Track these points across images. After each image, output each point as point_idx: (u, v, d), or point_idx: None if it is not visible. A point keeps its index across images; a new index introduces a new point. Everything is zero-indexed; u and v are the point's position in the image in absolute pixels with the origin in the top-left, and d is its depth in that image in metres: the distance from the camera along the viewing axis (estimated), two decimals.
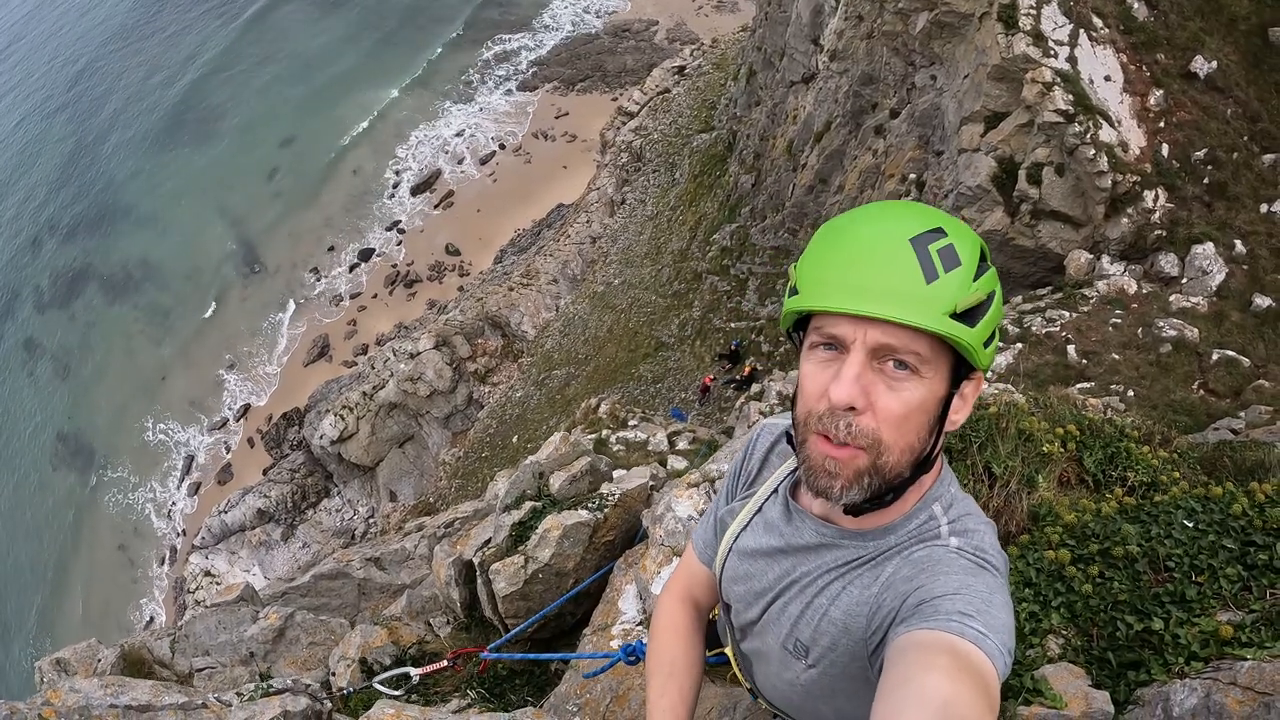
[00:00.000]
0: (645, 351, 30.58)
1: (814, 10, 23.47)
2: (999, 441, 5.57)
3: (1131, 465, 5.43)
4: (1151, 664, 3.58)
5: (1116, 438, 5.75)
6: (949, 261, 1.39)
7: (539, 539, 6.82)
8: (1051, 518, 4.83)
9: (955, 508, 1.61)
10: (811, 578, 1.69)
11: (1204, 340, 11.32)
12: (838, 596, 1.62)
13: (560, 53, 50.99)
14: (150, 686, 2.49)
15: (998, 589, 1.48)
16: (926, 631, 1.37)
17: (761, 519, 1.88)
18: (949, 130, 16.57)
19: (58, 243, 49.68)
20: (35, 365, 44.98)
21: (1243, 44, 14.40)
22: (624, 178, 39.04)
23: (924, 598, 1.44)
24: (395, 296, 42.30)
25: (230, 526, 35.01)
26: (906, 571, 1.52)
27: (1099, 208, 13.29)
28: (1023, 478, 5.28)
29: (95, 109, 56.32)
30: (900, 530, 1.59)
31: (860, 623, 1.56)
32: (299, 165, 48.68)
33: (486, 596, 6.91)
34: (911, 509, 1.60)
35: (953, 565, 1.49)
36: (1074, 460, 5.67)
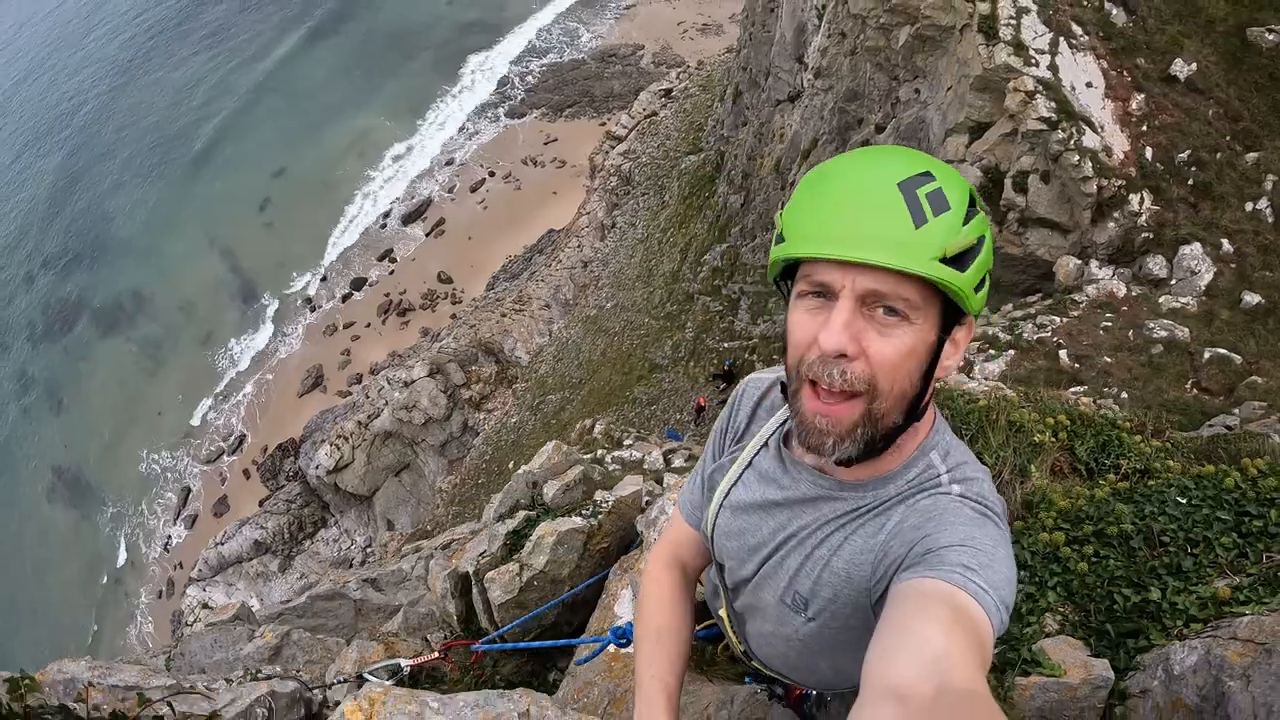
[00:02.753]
0: (639, 374, 30.61)
1: (797, 29, 23.70)
2: (990, 433, 5.59)
3: (1124, 453, 5.45)
4: (1150, 631, 3.58)
5: (1108, 427, 5.76)
6: (938, 205, 1.38)
7: (533, 546, 6.78)
8: (1046, 504, 4.84)
9: (952, 455, 1.62)
10: (810, 530, 1.68)
11: (1195, 339, 11.37)
12: (839, 547, 1.62)
13: (548, 79, 51.29)
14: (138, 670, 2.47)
15: (1001, 541, 1.48)
16: (929, 580, 1.37)
17: (753, 472, 1.87)
18: (934, 142, 16.69)
19: (50, 276, 49.67)
20: (29, 399, 44.87)
21: (1221, 45, 14.57)
22: (614, 201, 39.23)
23: (930, 546, 1.44)
24: (388, 325, 42.28)
25: (227, 558, 34.80)
26: (914, 520, 1.52)
27: (1085, 213, 13.39)
28: (1015, 468, 5.29)
29: (87, 143, 56.47)
30: (899, 479, 1.59)
31: (864, 571, 1.56)
32: (290, 195, 48.76)
33: (483, 606, 6.87)
34: (909, 458, 1.60)
35: (959, 514, 1.49)
36: (1066, 450, 5.68)
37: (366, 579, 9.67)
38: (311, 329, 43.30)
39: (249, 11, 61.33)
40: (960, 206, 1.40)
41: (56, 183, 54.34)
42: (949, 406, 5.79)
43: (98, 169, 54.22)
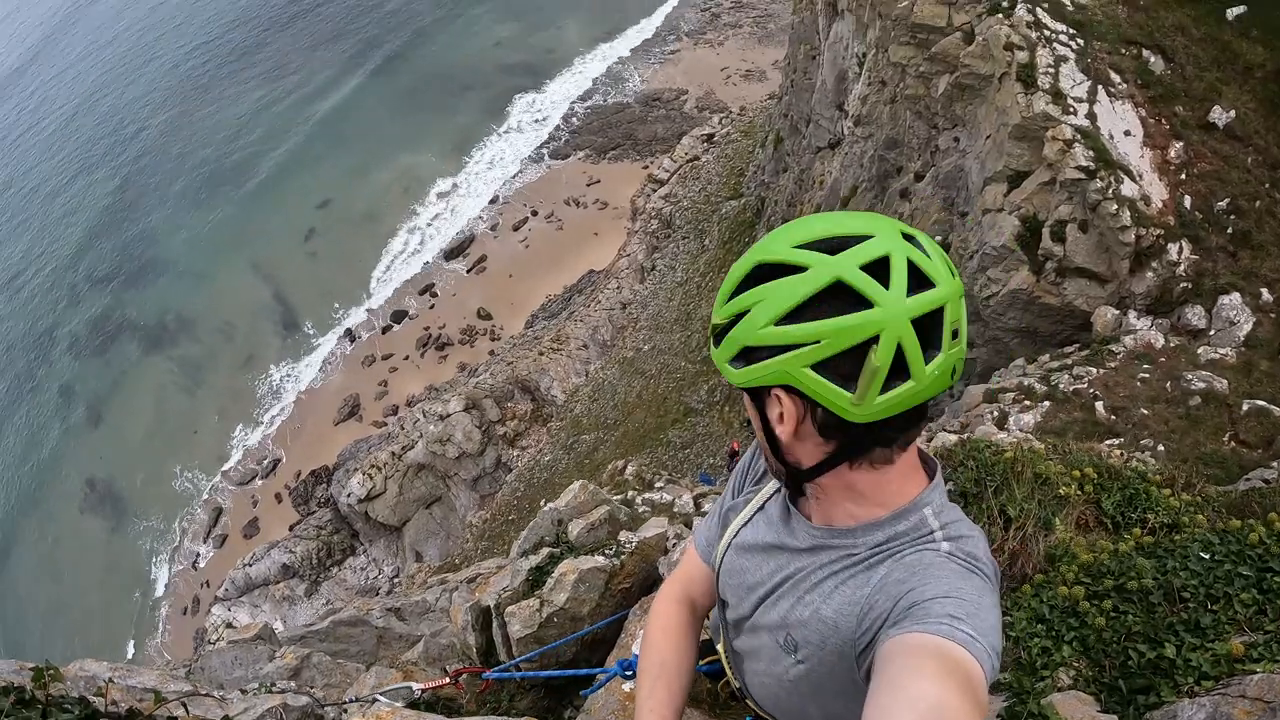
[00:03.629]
0: (674, 417, 30.54)
1: (838, 76, 23.84)
2: (1014, 485, 5.54)
3: (1151, 507, 5.39)
4: (1162, 687, 3.54)
5: (1136, 480, 5.69)
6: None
7: (555, 583, 6.80)
8: (1068, 558, 4.79)
9: (946, 514, 1.65)
10: (805, 573, 1.73)
11: (1233, 391, 11.16)
12: (830, 595, 1.66)
13: (592, 121, 51.83)
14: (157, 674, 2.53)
15: (987, 592, 1.51)
16: (917, 635, 1.40)
17: (764, 515, 1.94)
18: (973, 191, 16.67)
19: (97, 293, 50.75)
20: (68, 410, 45.63)
21: (1259, 91, 14.44)
22: (654, 244, 39.40)
23: (915, 600, 1.47)
24: (427, 359, 42.57)
25: (254, 580, 34.96)
26: (899, 574, 1.55)
27: (1124, 263, 13.26)
28: (1039, 520, 5.24)
29: (140, 167, 57.84)
30: (887, 528, 1.63)
31: (850, 623, 1.59)
32: (335, 227, 49.55)
33: (502, 640, 6.89)
34: (900, 508, 1.63)
35: (944, 569, 1.53)
36: (1092, 503, 5.62)
37: (390, 608, 9.72)
38: (350, 359, 43.74)
39: (302, 49, 62.70)
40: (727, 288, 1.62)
41: (109, 204, 55.63)
42: (975, 458, 5.76)
43: (149, 193, 55.55)
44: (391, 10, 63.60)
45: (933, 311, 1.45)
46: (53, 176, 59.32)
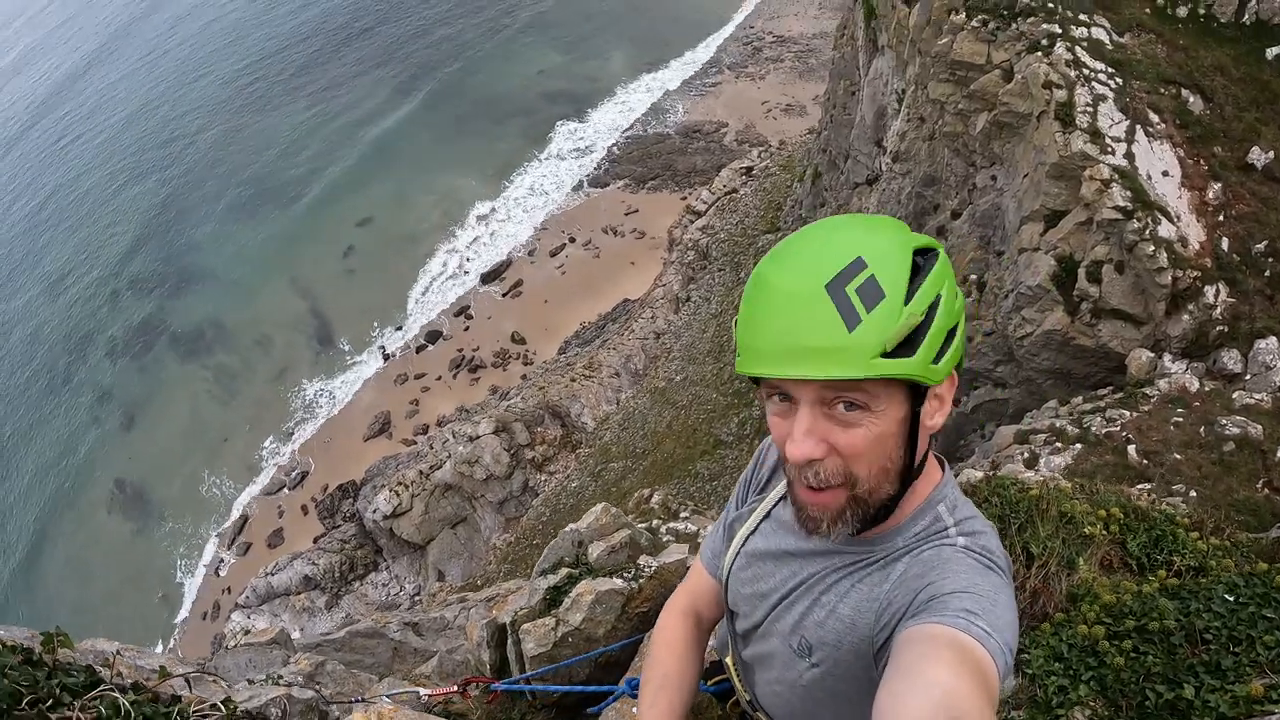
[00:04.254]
0: (703, 449, 30.46)
1: (877, 113, 23.87)
2: (1039, 523, 5.49)
3: (1178, 550, 5.31)
4: None
5: (1163, 522, 5.62)
6: (871, 298, 1.38)
7: (571, 603, 6.79)
8: (1090, 598, 4.73)
9: (960, 509, 1.66)
10: (819, 576, 1.73)
11: (1268, 438, 10.97)
12: (847, 594, 1.66)
13: (632, 151, 52.17)
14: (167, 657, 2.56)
15: (1002, 588, 1.52)
16: (933, 625, 1.41)
17: (771, 522, 1.93)
18: (1009, 230, 16.59)
19: (136, 297, 51.66)
20: (101, 411, 46.33)
21: None
22: (690, 275, 39.50)
23: (933, 594, 1.48)
24: (459, 380, 42.81)
25: (276, 589, 35.15)
26: (916, 570, 1.56)
27: (1159, 305, 13.12)
28: (1062, 559, 5.18)
29: (184, 174, 59.02)
30: (906, 533, 1.63)
31: (868, 619, 1.60)
32: (374, 245, 50.11)
33: (516, 657, 6.88)
34: (915, 510, 1.64)
35: (961, 564, 1.53)
36: (1117, 544, 5.55)
37: (408, 622, 9.75)
38: (383, 376, 44.10)
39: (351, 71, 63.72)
40: (898, 287, 1.41)
41: (154, 213, 56.66)
42: (1000, 495, 5.71)
43: (194, 204, 56.53)
44: (440, 36, 64.54)
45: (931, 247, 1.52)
46: (102, 183, 60.57)
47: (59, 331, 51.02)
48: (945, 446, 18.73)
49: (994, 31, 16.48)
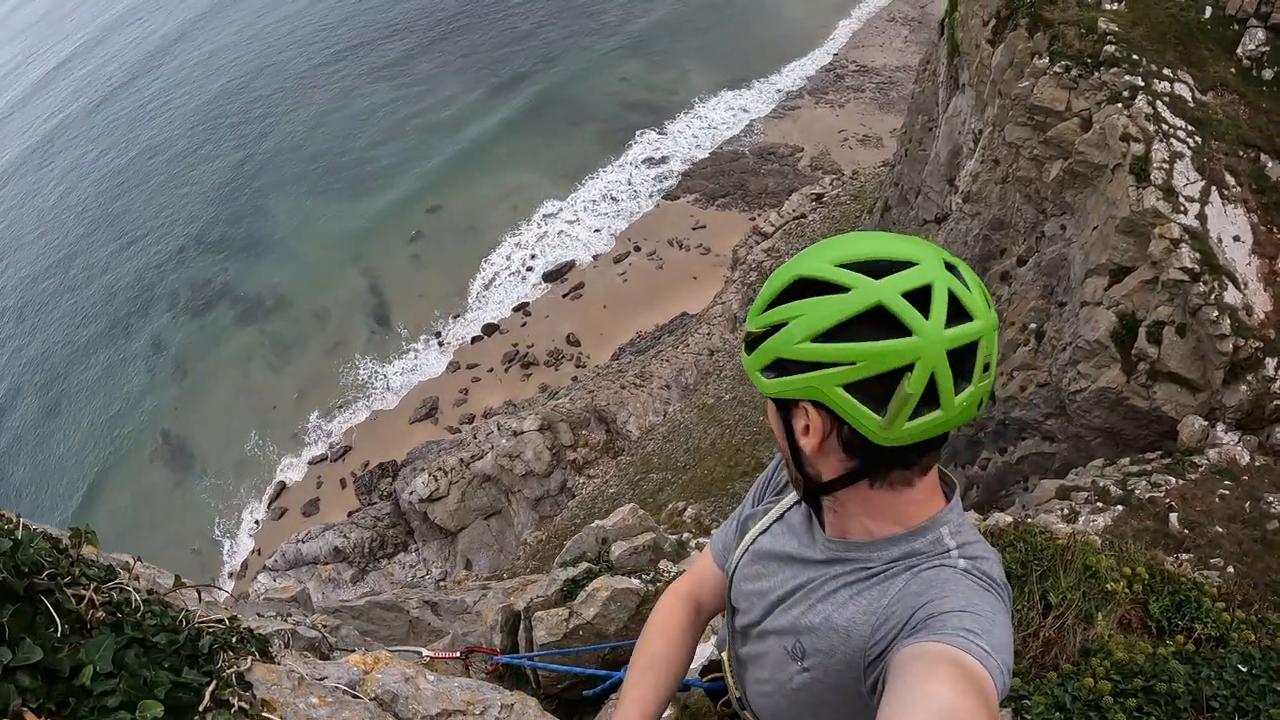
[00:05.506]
0: (744, 470, 30.28)
1: (952, 151, 23.66)
2: (1061, 573, 5.42)
3: (1201, 617, 5.23)
4: None
5: (1189, 588, 5.54)
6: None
7: (587, 596, 6.85)
8: (1102, 654, 4.68)
9: (963, 534, 1.68)
10: (819, 582, 1.77)
11: None
12: (844, 604, 1.70)
13: (706, 166, 52.28)
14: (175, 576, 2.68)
15: (1000, 610, 1.55)
16: (933, 644, 1.44)
17: (783, 524, 1.98)
18: (1073, 282, 16.32)
19: (202, 256, 53.10)
20: (156, 363, 47.64)
21: None
22: (750, 296, 39.35)
23: (932, 612, 1.51)
24: (510, 374, 43.18)
25: (304, 556, 35.61)
26: (915, 587, 1.59)
27: (1218, 372, 12.77)
28: (1080, 612, 5.12)
29: (260, 141, 60.74)
30: (904, 544, 1.66)
31: (863, 631, 1.63)
32: (440, 232, 50.89)
33: (526, 644, 6.95)
34: (917, 525, 1.67)
35: (960, 584, 1.56)
36: (1139, 603, 5.47)
37: (428, 600, 9.85)
38: (436, 362, 44.66)
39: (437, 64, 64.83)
40: (764, 299, 1.63)
41: (229, 179, 58.26)
42: (1025, 540, 5.66)
43: (270, 175, 58.01)
44: (527, 40, 65.43)
45: (968, 344, 1.48)
46: (185, 148, 62.40)
47: (126, 284, 52.62)
48: (986, 495, 18.48)
49: (1076, 79, 16.24)
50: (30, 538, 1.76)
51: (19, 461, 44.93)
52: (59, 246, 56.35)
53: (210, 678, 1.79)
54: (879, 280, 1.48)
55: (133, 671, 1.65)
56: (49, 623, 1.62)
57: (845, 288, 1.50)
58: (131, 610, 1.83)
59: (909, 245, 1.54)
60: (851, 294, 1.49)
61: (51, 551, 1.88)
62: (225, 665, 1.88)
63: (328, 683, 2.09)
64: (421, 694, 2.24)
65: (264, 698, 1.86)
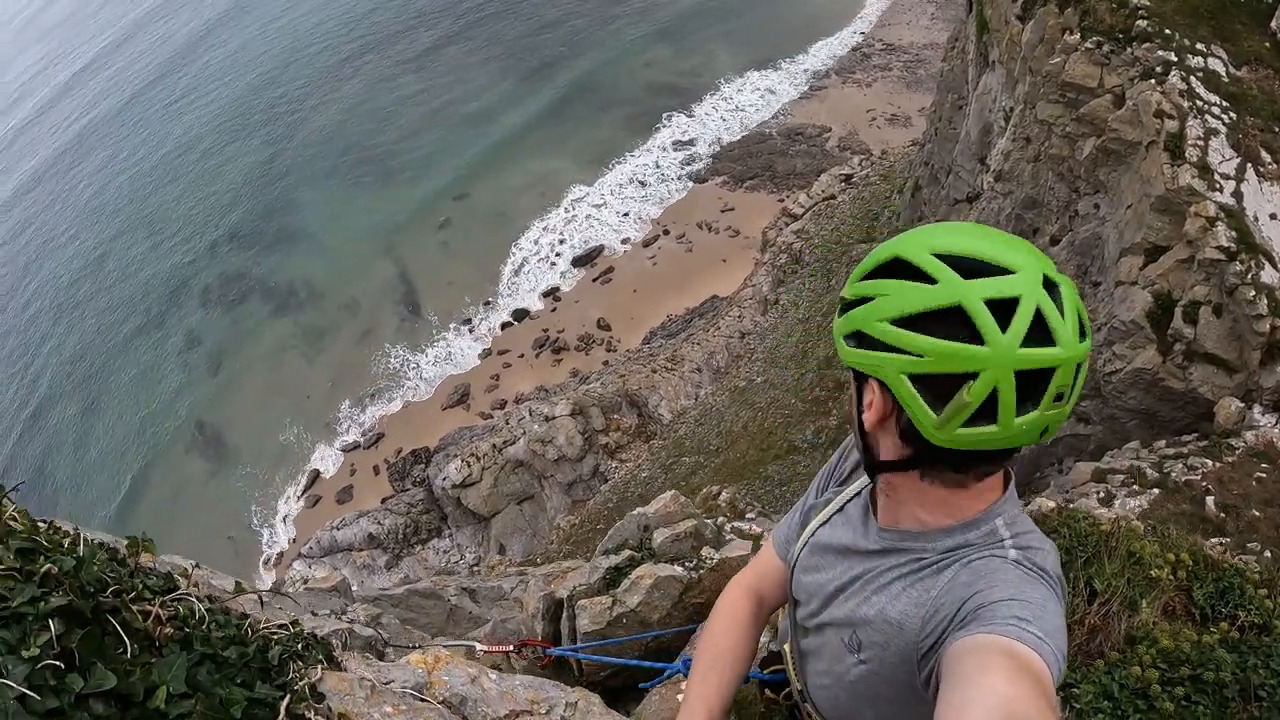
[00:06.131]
0: (777, 453, 30.20)
1: (983, 130, 23.39)
2: (1105, 560, 5.43)
3: (1244, 604, 5.22)
4: None
5: (1233, 575, 5.53)
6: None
7: (630, 584, 6.90)
8: (1148, 641, 4.69)
9: (1019, 524, 1.70)
10: (874, 574, 1.80)
11: None
12: (897, 596, 1.72)
13: (733, 149, 51.92)
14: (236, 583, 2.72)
15: (1052, 599, 1.57)
16: (985, 635, 1.46)
17: (843, 516, 2.01)
18: (1108, 261, 16.12)
19: (233, 249, 53.34)
20: (190, 356, 48.12)
21: None
22: (780, 278, 39.20)
23: (982, 603, 1.53)
24: (541, 360, 43.30)
25: (339, 543, 36.04)
26: (965, 578, 1.61)
27: (1255, 353, 12.56)
28: (1125, 599, 5.13)
29: (289, 135, 60.81)
30: (957, 534, 1.69)
31: (915, 624, 1.65)
32: (468, 220, 50.93)
33: (569, 632, 7.01)
34: (971, 517, 1.69)
35: (1010, 574, 1.58)
36: (1183, 590, 5.47)
37: (466, 587, 9.97)
38: (467, 349, 44.90)
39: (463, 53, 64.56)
40: (861, 269, 1.67)
41: (258, 172, 58.44)
42: (1069, 526, 5.67)
43: (298, 167, 58.14)
44: (551, 25, 64.92)
45: (1042, 369, 1.47)
46: (214, 142, 62.70)
47: (160, 281, 53.08)
48: (1021, 477, 18.34)
49: (1108, 55, 15.97)
50: (92, 554, 1.75)
51: (60, 459, 45.51)
52: (93, 247, 56.84)
53: (283, 691, 1.78)
54: (968, 280, 1.48)
55: (207, 690, 1.63)
56: (118, 643, 1.59)
57: (933, 279, 1.51)
58: (197, 622, 1.81)
59: (1013, 251, 1.52)
60: (937, 287, 1.50)
61: (111, 564, 1.86)
62: (296, 676, 1.87)
63: (395, 687, 2.13)
64: (488, 694, 2.28)
65: (340, 710, 1.87)
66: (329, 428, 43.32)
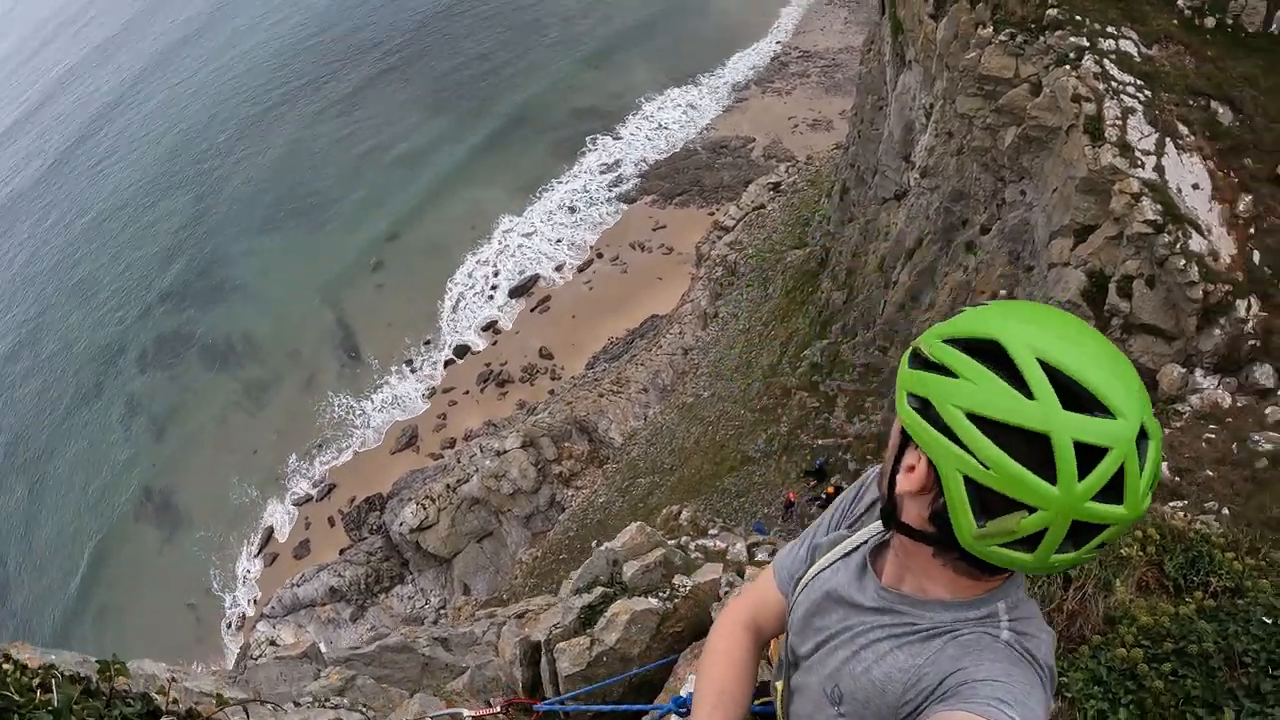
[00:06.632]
0: (731, 465, 30.35)
1: (905, 127, 23.80)
2: None
3: (1214, 570, 5.27)
4: None
5: (1199, 543, 5.59)
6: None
7: (606, 622, 6.81)
8: (1127, 620, 4.70)
9: (1020, 609, 1.65)
10: (864, 630, 1.76)
11: None
12: (883, 657, 1.68)
13: (660, 166, 52.32)
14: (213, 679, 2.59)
15: (1037, 686, 1.53)
16: (962, 713, 1.43)
17: (846, 563, 1.95)
18: (1039, 245, 16.47)
19: (168, 309, 52.53)
20: (132, 421, 47.15)
21: None
22: (717, 291, 39.50)
23: (965, 679, 1.50)
24: (486, 394, 43.05)
25: (301, 600, 35.45)
26: (953, 651, 1.58)
27: (1191, 320, 12.91)
28: (1099, 580, 5.15)
29: (216, 189, 59.97)
30: (957, 612, 1.64)
31: (896, 689, 1.62)
32: (402, 259, 50.60)
33: (549, 676, 6.88)
34: (972, 597, 1.64)
35: (999, 654, 1.55)
36: (1154, 565, 5.51)
37: (437, 637, 9.75)
38: (411, 390, 44.44)
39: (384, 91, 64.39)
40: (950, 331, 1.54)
41: (185, 227, 57.69)
42: None
43: (225, 219, 57.46)
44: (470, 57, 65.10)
45: (1099, 524, 1.40)
46: (137, 201, 61.72)
47: (92, 344, 51.97)
48: None
49: (1021, 45, 16.39)
50: (68, 701, 1.65)
51: (10, 546, 44.31)
52: (23, 320, 55.74)
53: None
54: (1065, 411, 1.37)
55: None
56: None
57: (1031, 393, 1.39)
58: None
59: (1121, 386, 1.40)
60: (1033, 405, 1.38)
61: (87, 700, 1.77)
62: None
63: None
64: None
65: None
66: (279, 483, 42.57)
